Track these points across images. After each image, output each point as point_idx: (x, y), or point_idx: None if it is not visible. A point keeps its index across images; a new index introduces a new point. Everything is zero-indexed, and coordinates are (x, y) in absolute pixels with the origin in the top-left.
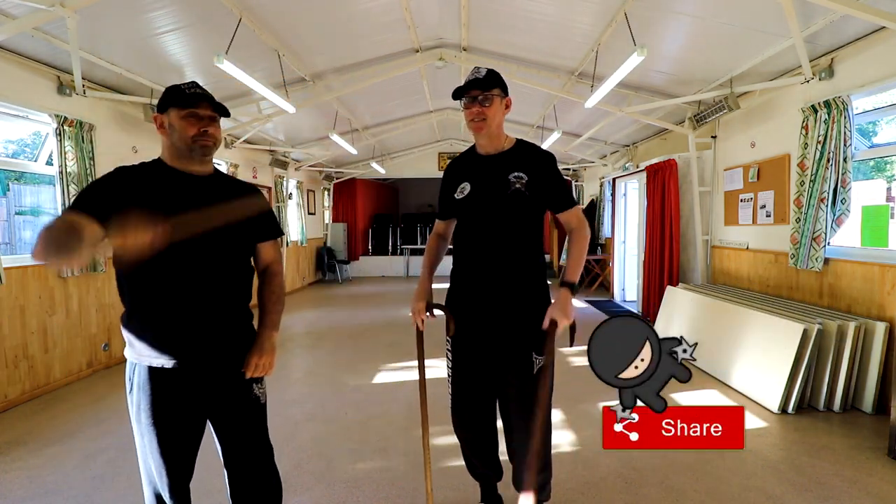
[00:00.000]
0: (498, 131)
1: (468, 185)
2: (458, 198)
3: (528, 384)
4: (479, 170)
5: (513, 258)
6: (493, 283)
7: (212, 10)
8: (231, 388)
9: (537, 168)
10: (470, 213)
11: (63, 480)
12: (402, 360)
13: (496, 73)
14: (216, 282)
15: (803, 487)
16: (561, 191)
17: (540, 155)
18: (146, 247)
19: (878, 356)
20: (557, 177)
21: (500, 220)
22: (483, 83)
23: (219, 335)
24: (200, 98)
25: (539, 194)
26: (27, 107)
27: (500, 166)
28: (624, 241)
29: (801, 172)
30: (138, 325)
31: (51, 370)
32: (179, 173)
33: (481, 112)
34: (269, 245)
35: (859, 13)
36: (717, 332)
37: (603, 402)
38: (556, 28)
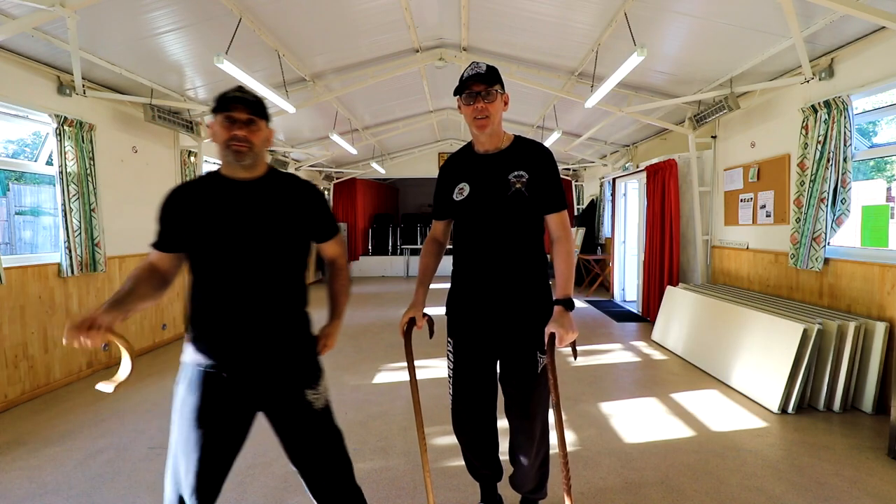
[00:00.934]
0: (499, 129)
1: (467, 186)
2: (458, 199)
3: (531, 384)
4: (477, 169)
5: (514, 259)
6: (496, 285)
7: (212, 10)
8: (283, 394)
9: (537, 166)
10: (470, 215)
11: (63, 480)
12: (402, 361)
13: (496, 68)
14: (265, 287)
15: (803, 487)
16: (555, 191)
17: (540, 152)
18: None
19: (878, 356)
20: (555, 176)
21: (500, 222)
22: (485, 78)
23: (271, 341)
24: (236, 101)
25: (537, 193)
26: (27, 107)
27: (500, 165)
28: (624, 241)
29: (801, 172)
30: (193, 329)
31: (51, 370)
32: (227, 181)
33: (485, 108)
34: (329, 243)
35: (859, 13)
36: (717, 332)
37: (603, 402)
38: (556, 28)
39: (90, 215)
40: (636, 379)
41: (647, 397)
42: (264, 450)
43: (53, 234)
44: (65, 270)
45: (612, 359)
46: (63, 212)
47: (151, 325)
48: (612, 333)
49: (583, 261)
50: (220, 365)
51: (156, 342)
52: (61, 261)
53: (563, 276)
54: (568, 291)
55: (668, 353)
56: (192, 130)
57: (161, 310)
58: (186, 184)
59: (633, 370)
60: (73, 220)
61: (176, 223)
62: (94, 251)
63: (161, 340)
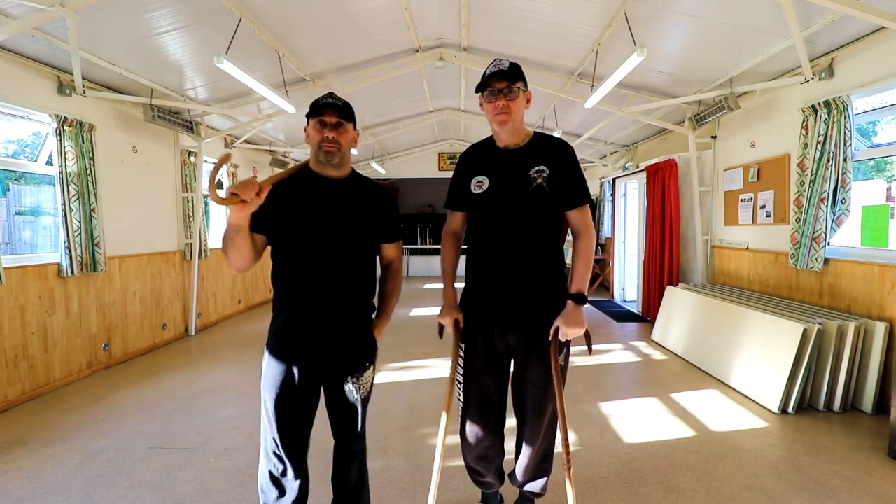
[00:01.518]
0: (520, 126)
1: (486, 180)
2: (476, 192)
3: (547, 383)
4: (498, 163)
5: (534, 256)
6: (515, 282)
7: (212, 10)
8: (339, 375)
9: (558, 161)
10: (489, 210)
11: (63, 480)
12: (402, 361)
13: (518, 65)
14: (341, 277)
15: (803, 487)
16: (577, 186)
17: (560, 147)
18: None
19: (878, 356)
20: (577, 171)
21: (521, 218)
22: (508, 74)
23: (339, 326)
24: (327, 106)
25: (558, 189)
26: (27, 107)
27: (521, 161)
28: (624, 241)
29: (801, 172)
30: (276, 307)
31: (51, 370)
32: (318, 177)
33: (507, 105)
34: (392, 246)
35: (859, 13)
36: (717, 332)
37: (603, 402)
38: (556, 28)
39: (90, 215)
40: (636, 379)
41: (648, 397)
42: None
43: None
44: (65, 270)
45: (612, 359)
46: (63, 212)
47: (151, 325)
48: (612, 333)
49: None
50: (296, 342)
51: (156, 342)
52: (61, 261)
53: (579, 271)
54: (581, 287)
55: (668, 353)
56: (192, 130)
57: (161, 310)
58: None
59: (634, 370)
60: (73, 220)
61: (267, 208)
62: (94, 251)
63: (161, 340)
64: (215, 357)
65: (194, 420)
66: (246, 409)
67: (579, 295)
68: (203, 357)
